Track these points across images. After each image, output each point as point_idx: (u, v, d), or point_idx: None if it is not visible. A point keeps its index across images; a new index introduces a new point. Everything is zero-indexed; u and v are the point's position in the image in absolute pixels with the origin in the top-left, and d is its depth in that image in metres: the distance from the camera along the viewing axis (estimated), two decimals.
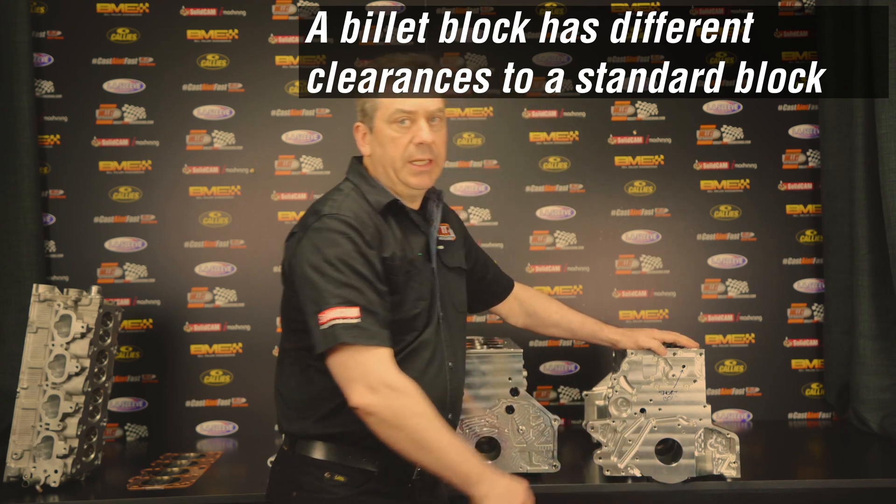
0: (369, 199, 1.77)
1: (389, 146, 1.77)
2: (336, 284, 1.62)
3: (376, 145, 1.80)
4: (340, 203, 1.73)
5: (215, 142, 2.90)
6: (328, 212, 1.70)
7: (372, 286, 1.64)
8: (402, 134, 1.77)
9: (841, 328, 2.82)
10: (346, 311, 1.60)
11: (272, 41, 2.92)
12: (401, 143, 1.77)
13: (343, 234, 1.67)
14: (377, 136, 1.79)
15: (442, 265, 1.86)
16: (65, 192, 2.87)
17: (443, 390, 1.78)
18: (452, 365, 1.81)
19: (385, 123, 1.77)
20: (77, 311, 2.24)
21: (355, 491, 1.70)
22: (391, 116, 1.77)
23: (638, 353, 2.12)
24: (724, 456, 2.11)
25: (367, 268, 1.65)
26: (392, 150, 1.77)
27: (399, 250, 1.74)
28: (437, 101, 1.81)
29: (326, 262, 1.64)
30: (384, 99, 1.77)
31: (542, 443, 2.13)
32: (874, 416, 2.66)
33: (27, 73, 2.76)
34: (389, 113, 1.77)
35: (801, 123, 2.96)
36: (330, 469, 1.70)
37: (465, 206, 2.92)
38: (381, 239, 1.72)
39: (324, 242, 1.66)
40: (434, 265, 1.83)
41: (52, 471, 2.17)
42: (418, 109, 1.77)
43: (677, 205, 2.95)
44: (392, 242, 1.74)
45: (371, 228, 1.70)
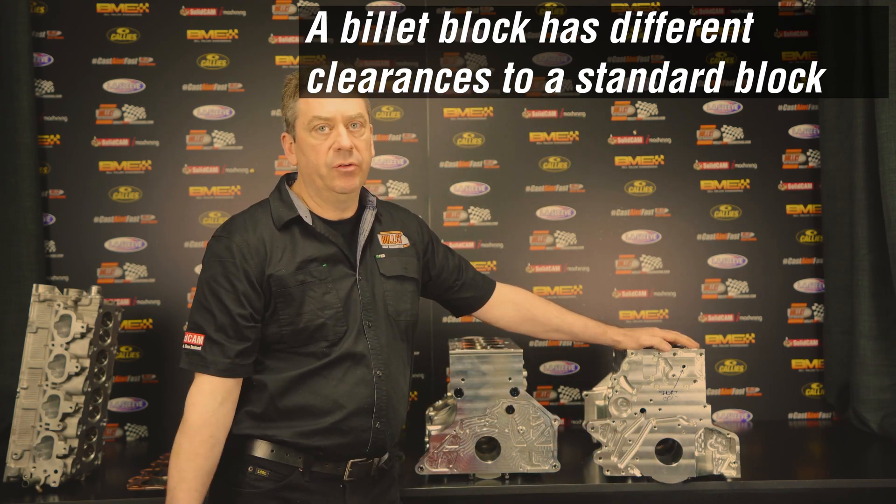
0: (273, 215, 1.83)
1: (311, 154, 1.81)
2: (197, 307, 1.79)
3: (300, 154, 1.84)
4: (234, 223, 1.84)
5: (215, 142, 2.90)
6: (217, 233, 1.84)
7: (227, 311, 1.75)
8: (321, 141, 1.80)
9: (841, 328, 2.82)
10: (193, 338, 1.78)
11: (272, 41, 2.92)
12: (321, 149, 1.80)
13: (217, 258, 1.78)
14: (300, 144, 1.84)
15: (378, 273, 1.89)
16: (65, 192, 2.87)
17: (367, 399, 1.81)
18: (382, 374, 1.83)
19: (305, 132, 1.81)
20: (77, 311, 2.24)
21: (277, 485, 1.78)
22: (309, 124, 1.80)
23: (638, 353, 2.12)
24: (724, 456, 2.11)
25: (228, 293, 1.76)
26: (314, 157, 1.81)
27: (293, 264, 1.79)
28: (356, 105, 1.83)
29: (199, 283, 1.81)
30: (301, 107, 1.81)
31: (542, 443, 2.13)
32: (874, 416, 2.66)
33: (27, 73, 2.76)
34: (307, 120, 1.81)
35: (801, 123, 2.96)
36: (254, 464, 1.79)
37: (464, 206, 2.92)
38: (266, 256, 1.78)
39: (205, 264, 1.82)
40: (357, 274, 1.85)
41: (52, 471, 2.17)
42: (335, 115, 1.80)
43: (677, 205, 2.95)
44: (286, 257, 1.80)
45: (253, 248, 1.77)
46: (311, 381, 1.78)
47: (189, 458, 1.73)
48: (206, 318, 1.76)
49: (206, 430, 1.74)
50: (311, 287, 1.79)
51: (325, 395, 1.78)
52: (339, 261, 1.84)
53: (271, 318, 1.79)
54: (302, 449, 1.79)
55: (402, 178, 2.92)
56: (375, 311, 1.86)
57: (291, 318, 1.78)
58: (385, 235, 1.95)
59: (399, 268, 1.94)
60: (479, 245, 2.93)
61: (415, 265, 2.00)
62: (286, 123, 1.87)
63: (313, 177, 1.82)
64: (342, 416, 1.79)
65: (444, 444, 2.12)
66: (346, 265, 1.85)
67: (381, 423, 1.84)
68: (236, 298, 1.75)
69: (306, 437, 1.78)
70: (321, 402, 1.78)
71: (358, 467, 1.83)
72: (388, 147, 2.92)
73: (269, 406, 1.78)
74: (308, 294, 1.79)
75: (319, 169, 1.80)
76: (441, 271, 2.11)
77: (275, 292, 1.78)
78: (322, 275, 1.81)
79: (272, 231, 1.81)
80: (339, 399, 1.79)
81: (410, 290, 1.96)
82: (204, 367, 1.75)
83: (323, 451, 1.79)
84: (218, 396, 1.76)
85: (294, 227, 1.83)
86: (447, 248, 2.17)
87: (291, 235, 1.82)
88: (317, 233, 1.84)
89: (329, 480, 1.81)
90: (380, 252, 1.92)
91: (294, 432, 1.78)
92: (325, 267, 1.82)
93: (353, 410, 1.80)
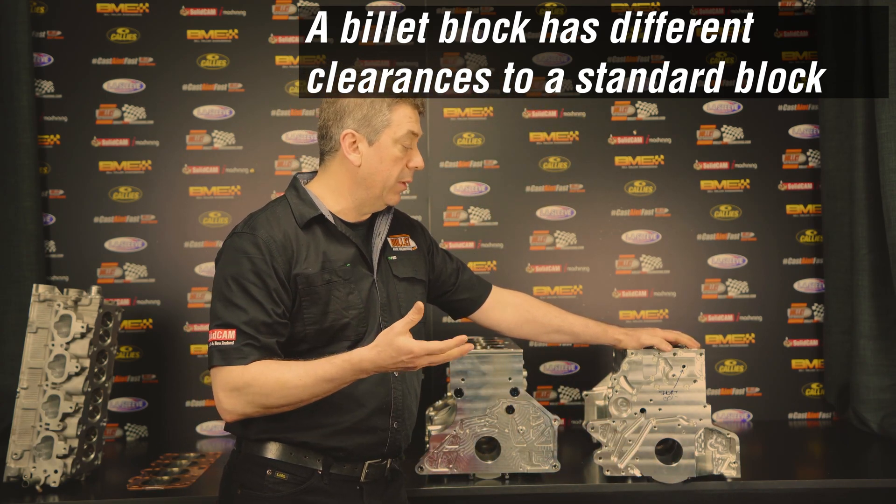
0: (294, 213, 1.82)
1: (390, 164, 1.83)
2: (224, 304, 1.73)
3: (375, 160, 1.83)
4: (255, 219, 1.80)
5: (215, 142, 2.90)
6: (239, 230, 1.79)
7: (260, 305, 1.71)
8: (403, 155, 1.84)
9: (841, 328, 2.82)
10: (223, 334, 1.70)
11: (272, 41, 2.92)
12: (401, 164, 1.84)
13: (244, 253, 1.74)
14: (379, 151, 1.83)
15: (391, 275, 1.90)
16: (65, 192, 2.87)
17: (385, 398, 1.82)
18: (397, 374, 1.84)
19: (392, 142, 1.83)
20: (77, 311, 2.24)
21: (297, 489, 1.76)
22: (403, 138, 1.83)
23: (638, 353, 2.12)
24: (724, 456, 2.11)
25: (259, 287, 1.72)
26: (391, 168, 1.83)
27: (318, 263, 1.78)
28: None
29: (224, 280, 1.75)
30: (397, 118, 1.82)
31: (542, 443, 2.13)
32: (874, 416, 2.66)
33: (27, 73, 2.76)
34: (402, 134, 1.83)
35: (801, 123, 2.96)
36: (272, 467, 1.76)
37: (465, 206, 2.92)
38: (293, 254, 1.77)
39: (227, 261, 1.77)
40: (375, 275, 1.86)
41: (52, 471, 2.17)
42: (420, 135, 1.86)
43: (677, 205, 2.95)
44: (311, 255, 1.79)
45: (280, 245, 1.75)
46: None
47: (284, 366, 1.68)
48: (237, 313, 1.71)
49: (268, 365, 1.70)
50: (336, 287, 1.79)
51: (346, 394, 1.75)
52: (358, 262, 1.84)
53: (296, 317, 1.77)
54: (322, 450, 1.77)
55: None
56: (391, 312, 1.86)
57: (317, 317, 1.77)
58: (394, 238, 1.96)
59: (410, 270, 1.95)
60: (479, 245, 2.93)
61: (423, 268, 2.02)
62: (366, 122, 1.82)
63: (374, 184, 1.84)
64: (363, 415, 1.79)
65: (444, 444, 2.12)
66: (365, 266, 1.85)
67: (398, 423, 1.84)
68: (267, 294, 1.72)
69: (328, 437, 1.77)
70: (342, 401, 1.76)
71: (374, 468, 1.83)
72: None
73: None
74: (333, 293, 1.78)
75: (389, 180, 1.84)
76: (440, 274, 2.12)
77: (301, 290, 1.76)
78: (346, 275, 1.81)
79: (295, 229, 1.80)
80: (360, 398, 1.78)
81: (420, 292, 1.98)
82: (242, 359, 1.69)
83: (343, 451, 1.78)
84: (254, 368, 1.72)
85: (316, 226, 1.82)
86: (445, 252, 2.18)
87: (313, 234, 1.81)
88: (339, 233, 1.83)
89: (347, 482, 1.80)
90: (391, 254, 1.93)
91: (315, 433, 1.76)
92: (348, 267, 1.82)
93: (374, 410, 1.80)
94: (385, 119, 1.82)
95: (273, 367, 1.68)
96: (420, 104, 1.88)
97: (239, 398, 1.68)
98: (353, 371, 1.64)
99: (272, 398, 1.67)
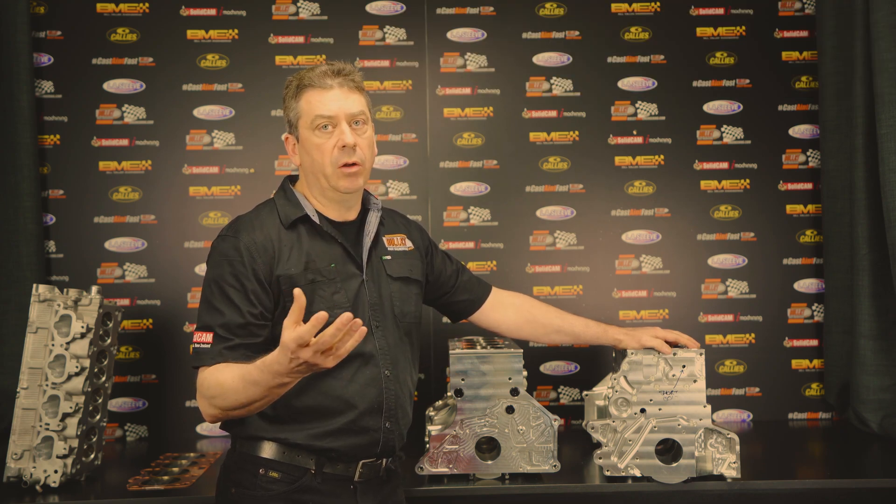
0: (280, 214, 1.83)
1: (315, 153, 1.82)
2: (206, 306, 1.77)
3: (304, 154, 1.85)
4: (239, 222, 1.83)
5: (215, 142, 2.90)
6: (223, 233, 1.81)
7: (236, 308, 1.73)
8: (325, 139, 1.81)
9: (841, 328, 2.82)
10: (202, 336, 1.74)
11: (272, 41, 2.92)
12: (326, 148, 1.81)
13: (224, 256, 1.77)
14: (304, 144, 1.84)
15: (385, 275, 1.90)
16: (65, 192, 2.87)
17: (377, 398, 1.82)
18: (390, 373, 1.84)
19: (309, 131, 1.82)
20: (77, 311, 2.24)
21: (290, 488, 1.77)
22: (312, 123, 1.81)
23: (638, 353, 2.12)
24: (724, 456, 2.11)
25: (237, 290, 1.74)
26: (319, 156, 1.81)
27: (301, 263, 1.79)
28: (358, 103, 1.84)
29: (206, 283, 1.78)
30: (304, 107, 1.82)
31: (542, 443, 2.13)
32: (874, 416, 2.66)
33: (27, 73, 2.76)
34: (310, 119, 1.81)
35: (801, 123, 2.97)
36: (265, 466, 1.77)
37: (465, 206, 2.92)
38: (275, 256, 1.78)
39: (210, 264, 1.80)
40: (364, 275, 1.85)
41: (52, 471, 2.17)
42: (338, 113, 1.81)
43: (677, 205, 2.95)
44: (294, 256, 1.79)
45: (260, 247, 1.77)
46: (322, 381, 1.77)
47: (239, 371, 1.66)
48: (215, 316, 1.74)
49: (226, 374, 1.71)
50: (320, 286, 1.79)
51: (336, 395, 1.77)
52: (346, 261, 1.84)
53: (280, 318, 1.76)
54: (314, 451, 1.78)
55: (402, 178, 2.92)
56: (383, 312, 1.86)
57: None
58: (390, 238, 1.96)
59: (405, 269, 1.95)
60: (479, 245, 2.93)
61: (419, 268, 2.01)
62: (288, 125, 1.87)
63: (318, 176, 1.83)
64: (354, 416, 1.79)
65: (444, 444, 2.12)
66: (354, 265, 1.85)
67: (391, 423, 1.84)
68: (244, 296, 1.74)
69: (319, 438, 1.77)
70: (333, 403, 1.77)
71: (368, 468, 1.83)
72: (388, 147, 2.92)
73: (282, 408, 1.76)
74: (317, 293, 1.78)
75: (325, 168, 1.81)
76: (439, 275, 2.12)
77: (284, 291, 1.76)
78: (331, 274, 1.81)
79: (279, 230, 1.81)
80: (350, 399, 1.78)
81: (415, 292, 1.97)
82: (213, 358, 1.72)
83: (336, 452, 1.79)
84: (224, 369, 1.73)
85: (301, 227, 1.83)
86: (444, 253, 2.18)
87: (298, 234, 1.82)
88: (324, 232, 1.84)
89: (340, 482, 1.81)
90: (385, 254, 1.93)
91: (307, 434, 1.77)
92: (333, 267, 1.82)
93: (365, 410, 1.80)
94: (296, 112, 1.83)
95: (220, 370, 1.70)
96: (331, 81, 1.79)
97: (201, 400, 1.73)
98: (271, 373, 1.57)
99: (218, 400, 1.69)
